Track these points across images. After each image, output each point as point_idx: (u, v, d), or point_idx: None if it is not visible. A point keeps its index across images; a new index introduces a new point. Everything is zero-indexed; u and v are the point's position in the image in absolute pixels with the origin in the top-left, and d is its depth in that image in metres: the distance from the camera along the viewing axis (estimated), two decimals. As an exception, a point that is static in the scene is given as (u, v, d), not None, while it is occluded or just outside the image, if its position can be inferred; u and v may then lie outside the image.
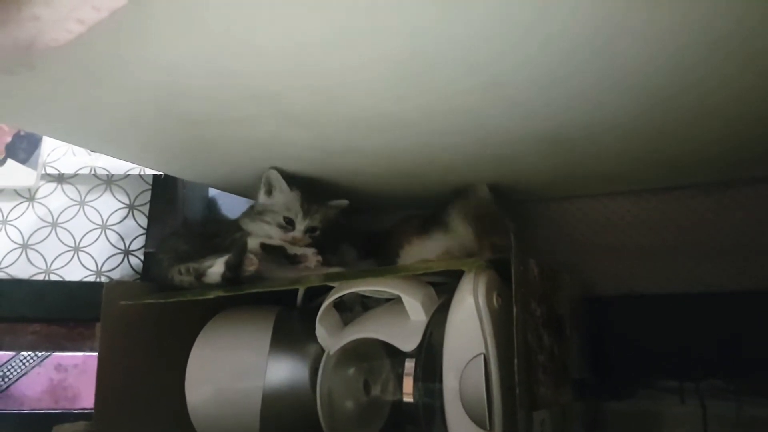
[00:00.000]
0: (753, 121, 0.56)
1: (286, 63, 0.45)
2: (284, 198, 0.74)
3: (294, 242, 0.74)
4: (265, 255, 0.71)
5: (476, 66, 0.45)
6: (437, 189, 0.79)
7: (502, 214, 0.73)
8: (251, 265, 0.68)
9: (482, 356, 0.52)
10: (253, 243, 0.71)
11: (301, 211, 0.74)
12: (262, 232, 0.74)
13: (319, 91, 0.49)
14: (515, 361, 0.52)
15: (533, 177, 0.75)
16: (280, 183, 0.74)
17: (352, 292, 0.70)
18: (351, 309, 0.73)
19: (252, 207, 0.78)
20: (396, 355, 0.62)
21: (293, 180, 0.74)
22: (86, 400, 0.84)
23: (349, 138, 0.61)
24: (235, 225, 0.76)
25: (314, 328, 0.67)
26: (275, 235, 0.74)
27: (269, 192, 0.75)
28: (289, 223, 0.74)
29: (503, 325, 0.55)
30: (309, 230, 0.75)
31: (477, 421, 0.52)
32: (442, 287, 0.63)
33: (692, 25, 0.39)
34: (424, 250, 0.75)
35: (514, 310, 0.53)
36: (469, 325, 0.54)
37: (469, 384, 0.52)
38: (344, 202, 0.78)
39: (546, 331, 0.61)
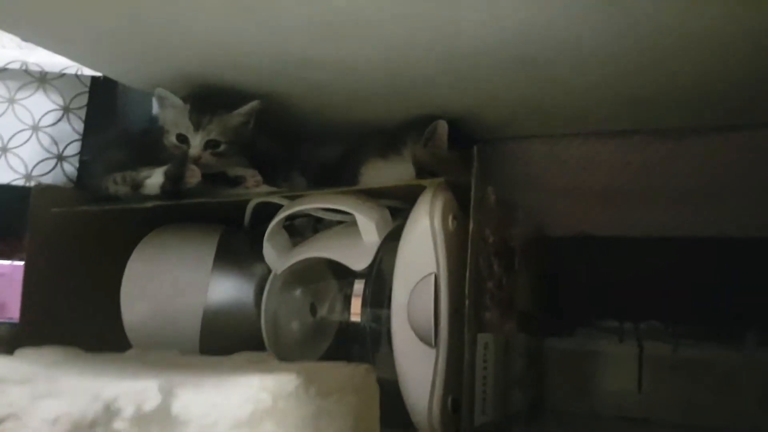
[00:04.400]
0: (722, 70, 0.56)
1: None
2: (174, 114, 0.68)
3: (194, 161, 0.66)
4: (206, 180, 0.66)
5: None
6: (397, 117, 0.76)
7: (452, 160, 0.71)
8: (193, 177, 0.64)
9: (433, 276, 0.52)
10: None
11: (192, 125, 0.67)
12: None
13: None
14: (466, 283, 0.52)
15: (496, 107, 0.73)
16: (169, 97, 0.68)
17: (304, 217, 0.68)
18: (302, 234, 0.71)
19: None
20: (345, 277, 0.61)
21: (192, 94, 0.68)
22: (14, 310, 0.80)
23: (307, 45, 0.57)
24: None
25: (261, 249, 0.65)
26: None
27: (162, 106, 0.69)
28: (183, 141, 0.68)
29: (456, 248, 0.54)
30: (209, 145, 0.68)
31: (422, 339, 0.51)
32: (398, 212, 0.62)
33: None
34: (382, 175, 0.73)
35: (470, 231, 0.52)
36: (422, 244, 0.53)
37: (418, 301, 0.52)
38: (254, 103, 0.69)
39: (496, 260, 0.61)
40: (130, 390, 0.28)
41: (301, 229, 0.71)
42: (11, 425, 0.27)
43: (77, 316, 0.67)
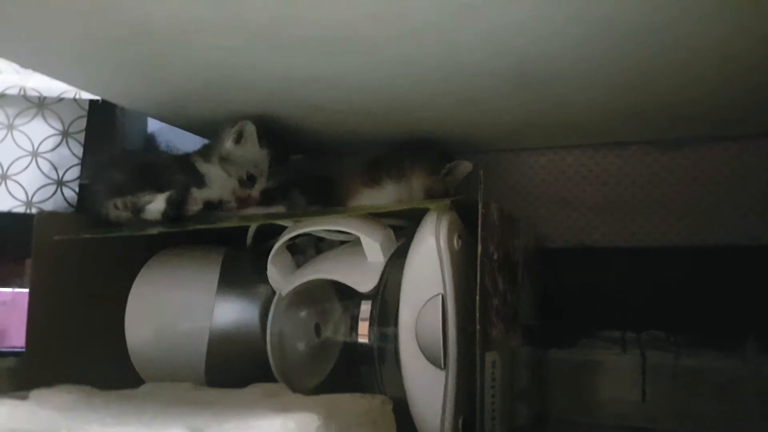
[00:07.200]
0: (719, 81, 0.56)
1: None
2: (252, 153, 0.70)
3: (247, 201, 0.70)
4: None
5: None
6: (398, 134, 0.76)
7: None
8: (195, 204, 0.65)
9: (440, 296, 0.52)
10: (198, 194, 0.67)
11: (267, 172, 0.70)
12: (219, 180, 0.69)
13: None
14: (476, 302, 0.52)
15: (494, 124, 0.73)
16: (252, 137, 0.70)
17: (307, 236, 0.67)
18: (303, 253, 0.71)
19: (209, 147, 0.72)
20: (350, 298, 0.61)
21: (264, 138, 0.71)
22: (15, 338, 0.79)
23: (311, 62, 0.56)
24: (183, 161, 0.71)
25: (265, 270, 0.64)
26: (229, 188, 0.70)
27: (238, 141, 0.70)
28: (249, 180, 0.70)
29: (461, 267, 0.55)
30: (266, 191, 0.71)
31: (430, 359, 0.51)
32: (400, 231, 0.62)
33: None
34: (376, 201, 0.73)
35: (479, 251, 0.52)
36: (429, 265, 0.53)
37: (425, 323, 0.52)
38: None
39: (501, 276, 0.61)
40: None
41: (302, 247, 0.71)
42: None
43: (83, 344, 0.66)
